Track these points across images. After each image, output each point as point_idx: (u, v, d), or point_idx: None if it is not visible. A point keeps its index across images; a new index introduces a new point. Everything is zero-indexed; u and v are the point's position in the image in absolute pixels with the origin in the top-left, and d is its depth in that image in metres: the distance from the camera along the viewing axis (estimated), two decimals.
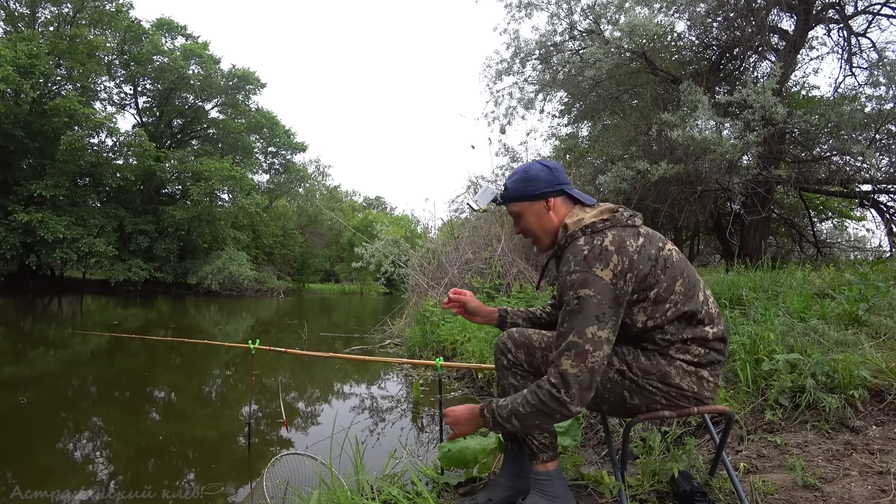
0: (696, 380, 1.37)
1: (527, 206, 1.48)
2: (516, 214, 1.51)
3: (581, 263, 1.29)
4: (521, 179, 1.48)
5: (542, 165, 1.48)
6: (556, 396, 1.25)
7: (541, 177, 1.46)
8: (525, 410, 1.29)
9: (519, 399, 1.31)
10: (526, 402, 1.29)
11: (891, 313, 2.97)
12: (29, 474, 2.68)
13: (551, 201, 1.45)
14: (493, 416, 1.35)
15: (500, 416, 1.33)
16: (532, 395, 1.29)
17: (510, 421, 1.31)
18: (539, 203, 1.46)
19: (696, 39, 8.69)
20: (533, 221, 1.48)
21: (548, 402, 1.26)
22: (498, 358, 1.57)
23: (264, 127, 30.54)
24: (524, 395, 1.31)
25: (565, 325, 1.28)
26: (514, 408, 1.31)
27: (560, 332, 1.29)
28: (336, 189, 47.67)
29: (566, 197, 1.47)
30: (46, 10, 22.25)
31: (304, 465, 2.24)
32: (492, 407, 1.36)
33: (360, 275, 32.86)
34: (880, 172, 7.47)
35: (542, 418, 1.28)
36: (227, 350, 7.28)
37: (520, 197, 1.48)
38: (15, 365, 5.64)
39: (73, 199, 22.05)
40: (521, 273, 7.83)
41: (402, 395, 4.60)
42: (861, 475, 1.62)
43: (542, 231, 1.48)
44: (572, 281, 1.29)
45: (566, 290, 1.29)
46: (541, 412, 1.27)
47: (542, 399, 1.27)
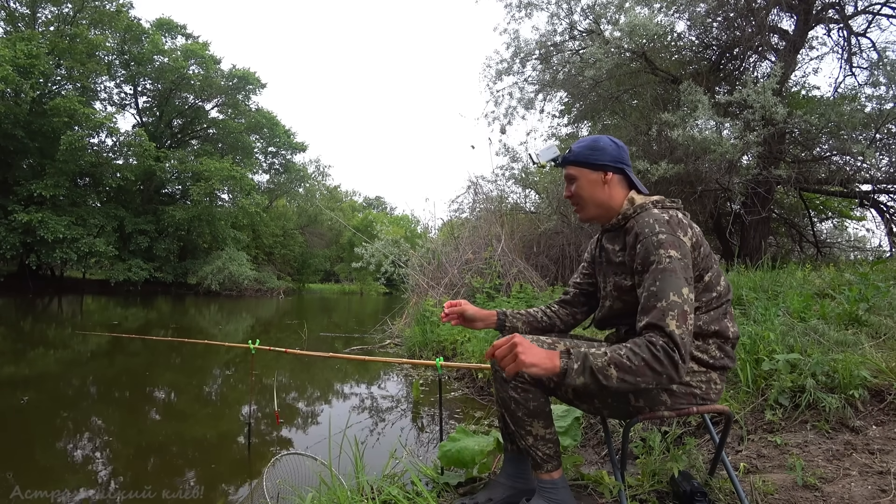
0: (705, 380, 1.39)
1: (584, 173, 1.48)
2: (571, 178, 1.51)
3: (666, 226, 1.31)
4: (587, 147, 1.49)
5: (612, 141, 1.49)
6: (671, 356, 1.15)
7: (607, 150, 1.47)
8: (631, 364, 1.15)
9: (621, 351, 1.17)
10: (633, 354, 1.16)
11: (891, 313, 2.97)
12: (29, 474, 2.68)
13: (609, 175, 1.46)
14: (583, 361, 1.17)
15: (593, 364, 1.16)
16: (641, 348, 1.17)
17: (605, 371, 1.16)
18: (597, 173, 1.47)
19: (696, 39, 8.69)
20: (586, 189, 1.48)
21: (662, 360, 1.15)
22: (496, 369, 1.52)
23: (264, 127, 30.55)
24: (627, 347, 1.18)
25: (658, 283, 1.23)
26: (616, 358, 1.16)
27: (652, 291, 1.23)
28: (336, 189, 47.70)
29: (624, 177, 1.48)
30: (47, 10, 22.26)
31: (304, 465, 2.24)
32: (581, 351, 1.19)
33: (360, 275, 32.85)
34: (880, 172, 7.47)
35: (645, 377, 1.15)
36: (227, 350, 7.28)
37: (581, 162, 1.48)
38: (15, 365, 5.64)
39: (73, 199, 22.05)
40: (521, 273, 7.83)
41: (402, 395, 4.60)
42: (861, 475, 1.62)
43: (592, 201, 1.49)
44: (660, 241, 1.28)
45: (653, 250, 1.27)
46: (650, 369, 1.15)
47: (655, 354, 1.15)
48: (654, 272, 1.26)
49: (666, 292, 1.21)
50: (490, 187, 9.82)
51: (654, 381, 1.17)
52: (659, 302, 1.21)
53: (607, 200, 1.47)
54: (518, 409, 1.46)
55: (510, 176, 9.82)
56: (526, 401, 1.45)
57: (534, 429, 1.45)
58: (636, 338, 1.21)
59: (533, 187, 10.16)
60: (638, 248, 1.32)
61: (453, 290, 7.65)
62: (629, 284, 1.41)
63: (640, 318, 1.24)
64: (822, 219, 10.42)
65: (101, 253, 21.19)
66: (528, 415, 1.45)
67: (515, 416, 1.46)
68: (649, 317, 1.21)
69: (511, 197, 10.11)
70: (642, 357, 1.16)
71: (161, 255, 24.09)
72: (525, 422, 1.45)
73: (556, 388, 1.46)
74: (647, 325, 1.21)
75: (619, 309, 1.47)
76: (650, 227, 1.32)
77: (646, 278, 1.27)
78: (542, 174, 10.44)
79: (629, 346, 1.19)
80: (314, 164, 42.64)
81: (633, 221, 1.39)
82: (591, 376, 1.17)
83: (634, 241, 1.34)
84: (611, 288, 1.48)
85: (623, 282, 1.43)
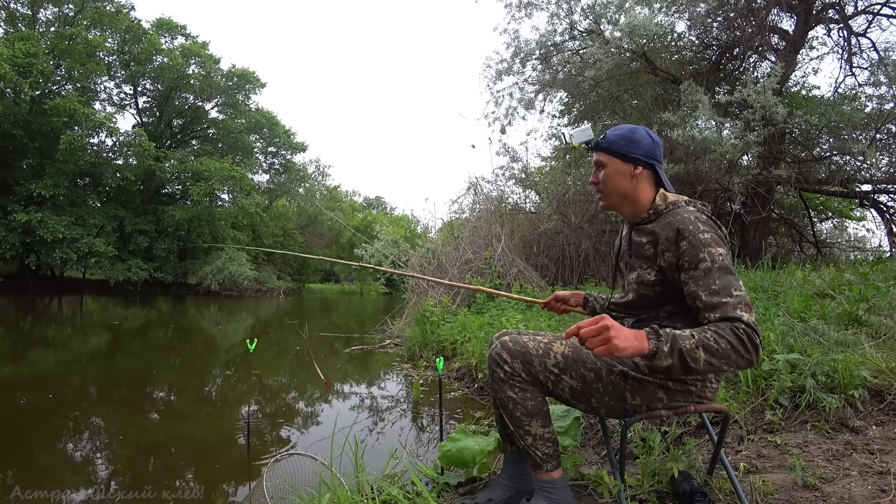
0: (700, 378, 1.41)
1: (615, 163, 1.47)
2: (600, 164, 1.50)
3: (708, 225, 1.33)
4: (623, 137, 1.47)
5: (648, 135, 1.48)
6: (753, 340, 1.18)
7: (642, 143, 1.46)
8: (718, 347, 1.16)
9: (706, 334, 1.18)
10: (719, 337, 1.17)
11: (891, 313, 2.97)
12: (29, 474, 2.68)
13: (639, 169, 1.46)
14: (672, 342, 1.17)
15: (682, 346, 1.16)
16: (726, 332, 1.18)
17: (693, 353, 1.16)
18: (627, 165, 1.46)
19: (697, 39, 8.69)
20: (612, 178, 1.48)
21: (746, 344, 1.17)
22: (493, 370, 1.51)
23: (264, 127, 30.53)
24: (711, 330, 1.19)
25: (719, 281, 1.25)
26: (704, 341, 1.17)
27: (714, 289, 1.24)
28: (336, 189, 47.67)
29: (653, 173, 1.48)
30: (48, 11, 22.26)
31: (304, 465, 2.24)
32: (668, 332, 1.19)
33: (360, 275, 32.85)
34: (880, 172, 7.47)
35: (729, 360, 1.17)
36: (227, 350, 7.29)
37: (613, 151, 1.47)
38: (15, 365, 5.64)
39: (73, 199, 22.03)
40: (521, 273, 7.83)
41: (402, 395, 4.59)
42: (861, 475, 1.61)
43: (616, 191, 1.49)
44: (706, 240, 1.29)
45: (702, 248, 1.28)
46: (734, 352, 1.17)
47: (740, 338, 1.17)
48: (710, 270, 1.27)
49: (729, 288, 1.24)
50: (490, 187, 9.83)
51: (736, 365, 1.18)
52: (727, 297, 1.23)
53: (632, 193, 1.47)
54: (516, 408, 1.45)
55: (510, 176, 9.83)
56: (524, 400, 1.45)
57: (532, 428, 1.45)
58: (718, 323, 1.21)
59: (533, 187, 10.16)
60: (683, 245, 1.31)
61: (453, 290, 7.65)
62: (652, 279, 1.41)
63: (708, 315, 1.24)
64: (822, 219, 10.42)
65: (101, 253, 21.17)
66: (527, 414, 1.45)
67: (514, 415, 1.46)
68: (721, 311, 1.22)
69: (511, 197, 10.12)
70: (728, 341, 1.17)
71: (161, 255, 24.08)
72: (524, 421, 1.45)
73: (554, 387, 1.46)
74: (721, 318, 1.21)
75: (635, 301, 1.47)
76: (693, 225, 1.32)
77: (698, 276, 1.28)
78: (542, 174, 10.45)
79: (713, 329, 1.19)
80: (314, 164, 42.64)
81: (669, 217, 1.38)
82: (680, 358, 1.17)
83: (676, 238, 1.33)
84: (632, 279, 1.48)
85: (647, 276, 1.43)
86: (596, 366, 1.42)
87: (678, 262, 1.33)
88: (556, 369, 1.44)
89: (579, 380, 1.43)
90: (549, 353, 1.46)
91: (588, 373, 1.43)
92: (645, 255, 1.44)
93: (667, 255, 1.35)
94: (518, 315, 5.41)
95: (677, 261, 1.33)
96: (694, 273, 1.28)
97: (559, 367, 1.44)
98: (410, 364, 5.79)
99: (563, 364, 1.44)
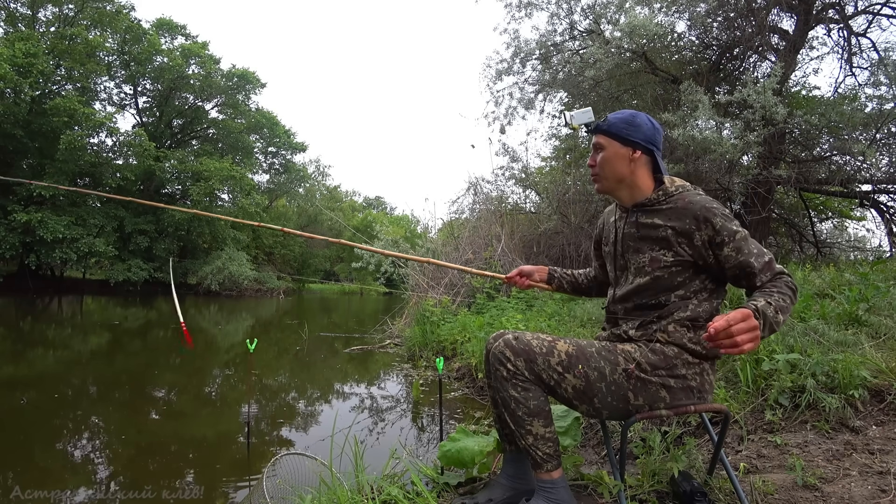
0: (698, 371, 1.41)
1: (614, 146, 1.49)
2: (599, 147, 1.51)
3: (719, 204, 1.42)
4: (624, 120, 1.49)
5: (649, 120, 1.50)
6: (796, 285, 1.34)
7: (642, 128, 1.47)
8: (787, 303, 1.28)
9: (775, 297, 1.28)
10: (783, 294, 1.29)
11: (891, 313, 2.97)
12: (29, 474, 2.68)
13: (637, 153, 1.47)
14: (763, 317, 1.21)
15: (772, 319, 1.23)
16: (786, 286, 1.32)
17: (777, 318, 1.24)
18: (626, 149, 1.47)
19: (697, 39, 8.68)
20: (610, 161, 1.49)
21: (795, 290, 1.33)
22: (496, 368, 1.47)
23: (264, 127, 30.52)
24: (777, 288, 1.32)
25: (748, 248, 1.36)
26: (779, 303, 1.26)
27: (755, 252, 1.36)
28: (336, 189, 47.67)
29: (651, 159, 1.49)
30: (48, 11, 22.25)
31: (304, 464, 2.24)
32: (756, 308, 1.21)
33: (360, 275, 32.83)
34: (880, 172, 7.47)
35: (790, 309, 1.30)
36: (227, 350, 7.29)
37: (613, 134, 1.49)
38: (15, 365, 5.64)
39: (73, 198, 22.02)
40: None
41: (402, 395, 4.60)
42: (861, 475, 1.62)
43: (613, 174, 1.50)
44: (725, 215, 1.39)
45: (729, 224, 1.38)
46: (793, 301, 1.31)
47: (793, 288, 1.32)
48: (745, 239, 1.38)
49: (762, 249, 1.38)
50: (490, 187, 9.83)
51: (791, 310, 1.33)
52: (766, 257, 1.37)
53: (629, 177, 1.48)
54: (518, 407, 1.43)
55: (510, 176, 9.82)
56: (526, 399, 1.43)
57: (534, 428, 1.43)
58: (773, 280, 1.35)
59: (533, 187, 10.16)
60: (717, 222, 1.37)
61: (453, 290, 7.65)
62: (670, 260, 1.43)
63: (760, 277, 1.35)
64: (822, 219, 10.40)
65: (101, 253, 21.17)
66: (529, 414, 1.43)
67: (515, 415, 1.44)
68: (771, 269, 1.36)
69: (511, 197, 10.11)
70: (789, 296, 1.30)
71: (161, 255, 24.07)
72: (525, 421, 1.43)
73: (556, 386, 1.44)
74: (774, 274, 1.36)
75: (646, 284, 1.46)
76: (717, 204, 1.40)
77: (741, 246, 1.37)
78: (542, 174, 10.45)
79: (776, 290, 1.31)
80: (314, 164, 42.64)
81: (686, 199, 1.42)
82: (770, 329, 1.24)
83: (708, 216, 1.38)
84: (645, 262, 1.47)
85: (662, 257, 1.43)
86: (600, 365, 1.41)
87: (714, 238, 1.38)
88: (560, 368, 1.42)
89: (582, 379, 1.41)
90: (552, 352, 1.44)
91: (591, 372, 1.41)
92: (658, 236, 1.44)
93: (700, 234, 1.39)
94: (518, 315, 5.41)
95: (712, 238, 1.38)
96: (735, 245, 1.36)
97: (563, 366, 1.42)
98: (410, 364, 5.79)
99: (566, 363, 1.42)
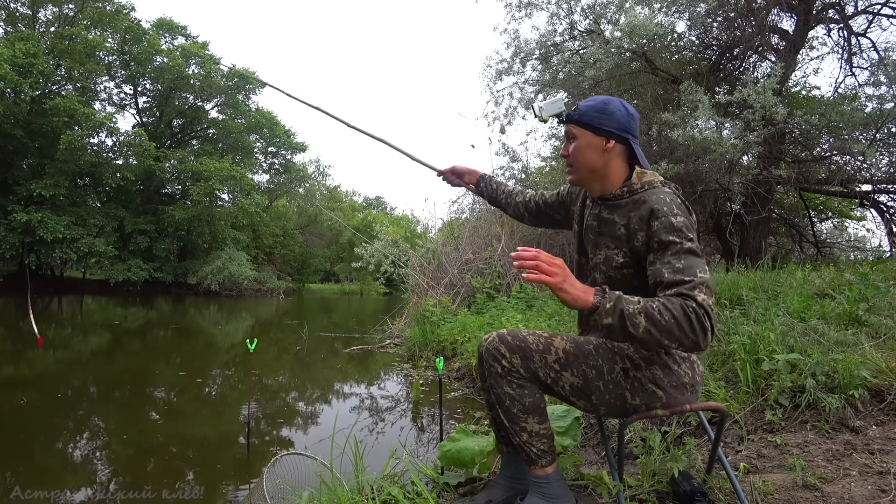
0: (688, 365, 1.41)
1: (586, 135, 1.43)
2: (571, 136, 1.46)
3: (682, 209, 1.31)
4: (595, 108, 1.42)
5: (623, 106, 1.42)
6: (702, 321, 1.14)
7: (615, 115, 1.40)
8: (662, 318, 1.14)
9: (653, 304, 1.16)
10: (664, 308, 1.15)
11: (891, 313, 2.97)
12: (29, 474, 2.68)
13: (611, 143, 1.40)
14: (615, 302, 1.17)
15: (625, 308, 1.16)
16: (674, 306, 1.15)
17: (634, 318, 1.15)
18: (599, 139, 1.41)
19: (697, 39, 8.68)
20: (583, 152, 1.43)
21: (693, 322, 1.13)
22: (490, 365, 1.44)
23: (264, 127, 30.53)
24: (660, 301, 1.17)
25: (684, 262, 1.23)
26: (648, 308, 1.15)
27: (678, 268, 1.22)
28: (336, 189, 47.67)
29: (626, 148, 1.43)
30: (48, 11, 22.26)
31: (304, 465, 2.24)
32: (615, 294, 1.18)
33: (360, 275, 32.84)
34: (880, 172, 7.47)
35: (671, 335, 1.14)
36: (227, 350, 7.29)
37: (585, 124, 1.42)
38: (15, 365, 5.64)
39: (73, 198, 22.04)
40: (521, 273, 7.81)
41: (402, 395, 4.60)
42: (861, 475, 1.62)
43: (586, 166, 1.44)
44: (679, 224, 1.27)
45: (672, 231, 1.26)
46: (678, 327, 1.14)
47: (687, 315, 1.14)
48: (676, 251, 1.25)
49: (693, 270, 1.21)
50: None
51: (679, 342, 1.15)
52: (687, 278, 1.20)
53: (602, 168, 1.43)
54: (513, 405, 1.42)
55: (510, 176, 9.82)
56: (522, 397, 1.42)
57: (528, 425, 1.42)
58: (668, 296, 1.19)
59: (533, 187, 10.16)
60: (654, 225, 1.29)
61: (453, 290, 7.65)
62: (621, 261, 1.38)
63: (665, 291, 1.21)
64: (822, 219, 10.40)
65: (101, 253, 21.18)
66: (524, 411, 1.42)
67: (510, 412, 1.43)
68: (678, 288, 1.19)
69: None
70: (673, 314, 1.14)
71: (161, 255, 24.08)
72: (520, 418, 1.42)
73: (553, 384, 1.44)
74: (678, 294, 1.19)
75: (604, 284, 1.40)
76: (668, 207, 1.30)
77: (665, 256, 1.26)
78: (542, 174, 10.44)
79: (662, 300, 1.17)
80: (314, 164, 42.61)
81: (644, 196, 1.35)
82: (620, 319, 1.16)
83: (649, 217, 1.30)
84: (600, 260, 1.44)
85: (615, 257, 1.39)
86: (598, 363, 1.41)
87: (649, 241, 1.31)
88: (557, 365, 1.41)
89: (580, 377, 1.41)
90: (549, 349, 1.42)
91: (590, 370, 1.41)
92: (615, 234, 1.40)
93: (639, 235, 1.33)
94: (518, 315, 5.42)
95: (648, 240, 1.31)
96: (661, 253, 1.27)
97: (560, 364, 1.41)
98: (410, 364, 5.80)
99: (564, 360, 1.42)
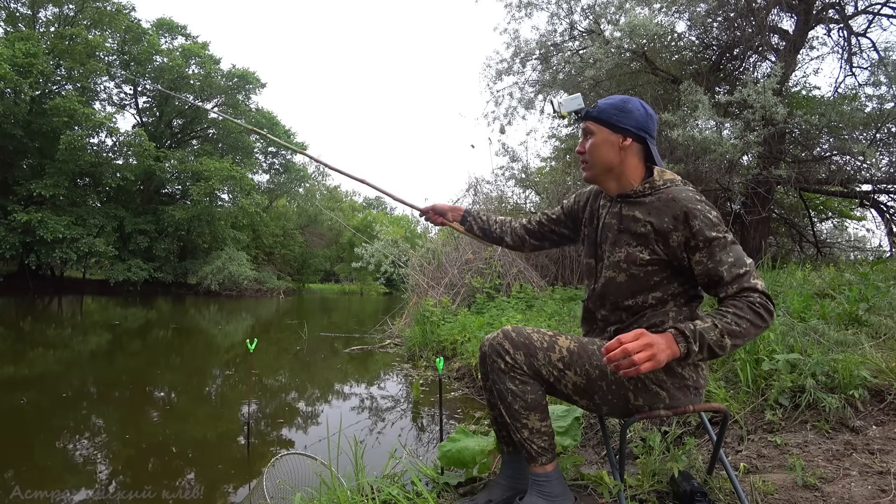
0: (692, 369, 1.41)
1: (603, 132, 1.43)
2: (588, 132, 1.46)
3: (711, 205, 1.35)
4: (614, 106, 1.43)
5: (642, 106, 1.43)
6: (769, 308, 1.24)
7: (633, 114, 1.41)
8: (740, 328, 1.21)
9: (727, 318, 1.22)
10: (738, 318, 1.22)
11: (891, 313, 2.97)
12: (29, 474, 2.68)
13: (628, 141, 1.41)
14: (700, 339, 1.21)
15: (710, 340, 1.21)
16: (744, 311, 1.23)
17: (721, 342, 1.21)
18: (616, 136, 1.42)
19: (697, 39, 8.69)
20: (599, 148, 1.43)
21: (764, 315, 1.23)
22: (494, 360, 1.44)
23: (264, 127, 30.52)
24: (731, 313, 1.23)
25: (732, 255, 1.29)
26: (727, 328, 1.21)
27: (731, 262, 1.29)
28: (336, 189, 47.65)
29: (643, 147, 1.43)
30: (48, 11, 22.25)
31: (304, 464, 2.24)
32: (693, 330, 1.22)
33: (360, 275, 32.87)
34: (880, 172, 7.47)
35: (750, 335, 1.23)
36: (227, 350, 7.29)
37: (603, 121, 1.43)
38: (15, 365, 5.64)
39: (73, 198, 22.03)
40: (520, 273, 7.84)
41: (402, 395, 4.60)
42: (861, 475, 1.62)
43: (601, 162, 1.44)
44: (715, 218, 1.32)
45: (712, 227, 1.31)
46: (754, 327, 1.23)
47: (758, 312, 1.23)
48: (723, 246, 1.30)
49: (742, 259, 1.29)
50: (490, 188, 9.83)
51: (756, 335, 1.26)
52: (742, 270, 1.28)
53: (618, 166, 1.43)
54: (515, 401, 1.42)
55: (510, 176, 9.83)
56: (524, 393, 1.42)
57: (530, 422, 1.42)
58: (737, 297, 1.26)
59: (533, 187, 10.16)
60: (695, 225, 1.31)
61: (453, 290, 7.66)
62: (646, 258, 1.38)
63: (726, 289, 1.28)
64: (822, 219, 10.41)
65: (101, 253, 21.18)
66: (526, 408, 1.42)
67: (512, 408, 1.43)
68: (739, 283, 1.27)
69: (511, 197, 10.12)
70: (748, 319, 1.22)
71: (161, 255, 24.08)
72: (521, 414, 1.42)
73: (556, 383, 1.43)
74: (741, 289, 1.27)
75: (623, 282, 1.42)
76: (701, 205, 1.33)
77: (716, 254, 1.30)
78: (542, 174, 10.44)
79: (732, 311, 1.24)
80: (314, 163, 42.63)
81: (671, 194, 1.36)
82: (709, 350, 1.22)
83: (686, 217, 1.32)
84: (620, 258, 1.42)
85: (639, 254, 1.39)
86: (601, 363, 1.40)
87: (690, 241, 1.33)
88: (561, 364, 1.41)
89: (584, 376, 1.41)
90: (553, 347, 1.42)
91: (593, 370, 1.40)
92: (637, 231, 1.39)
93: (674, 235, 1.34)
94: (518, 315, 5.42)
95: (688, 240, 1.33)
96: (709, 250, 1.31)
97: (563, 362, 1.41)
98: (410, 364, 5.79)
99: (567, 359, 1.41)
